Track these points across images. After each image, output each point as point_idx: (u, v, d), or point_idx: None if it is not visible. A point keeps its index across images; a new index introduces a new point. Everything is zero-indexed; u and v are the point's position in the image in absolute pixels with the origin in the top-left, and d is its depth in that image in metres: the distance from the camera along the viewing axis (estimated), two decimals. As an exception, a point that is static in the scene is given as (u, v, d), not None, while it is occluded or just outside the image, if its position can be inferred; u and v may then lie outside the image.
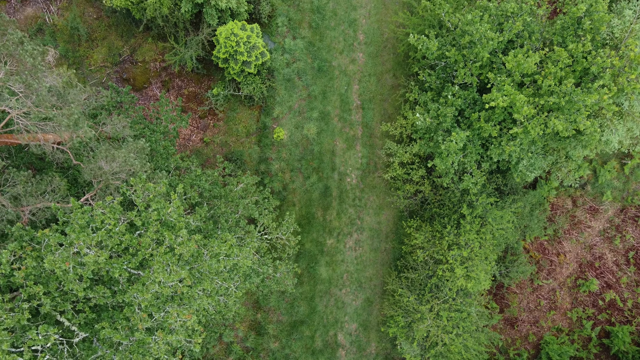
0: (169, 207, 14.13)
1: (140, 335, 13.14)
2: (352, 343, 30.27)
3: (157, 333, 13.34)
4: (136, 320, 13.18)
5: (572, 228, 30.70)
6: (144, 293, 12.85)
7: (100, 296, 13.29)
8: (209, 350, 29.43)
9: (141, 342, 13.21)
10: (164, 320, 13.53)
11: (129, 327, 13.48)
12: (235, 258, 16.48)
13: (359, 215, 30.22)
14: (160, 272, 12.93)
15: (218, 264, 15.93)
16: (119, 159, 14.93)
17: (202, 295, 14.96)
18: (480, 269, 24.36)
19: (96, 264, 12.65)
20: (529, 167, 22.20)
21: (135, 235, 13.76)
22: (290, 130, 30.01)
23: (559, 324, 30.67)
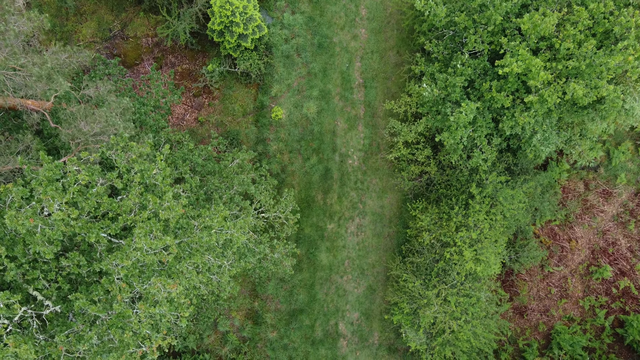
0: (154, 168, 12.73)
1: (119, 307, 11.76)
2: (354, 333, 28.87)
3: (139, 305, 11.95)
4: (115, 290, 11.79)
5: (584, 213, 29.32)
6: (123, 260, 11.47)
7: (75, 264, 11.90)
8: (203, 340, 28.03)
9: (120, 316, 11.83)
10: (146, 291, 12.15)
11: (107, 300, 12.11)
12: (228, 232, 15.08)
13: (361, 198, 28.83)
14: (143, 237, 11.54)
15: (209, 237, 14.53)
16: (100, 118, 13.56)
17: (192, 270, 13.57)
18: (490, 251, 22.99)
19: (69, 227, 11.26)
20: (543, 142, 20.82)
21: (117, 200, 12.38)
22: (289, 109, 28.63)
23: (571, 313, 29.29)
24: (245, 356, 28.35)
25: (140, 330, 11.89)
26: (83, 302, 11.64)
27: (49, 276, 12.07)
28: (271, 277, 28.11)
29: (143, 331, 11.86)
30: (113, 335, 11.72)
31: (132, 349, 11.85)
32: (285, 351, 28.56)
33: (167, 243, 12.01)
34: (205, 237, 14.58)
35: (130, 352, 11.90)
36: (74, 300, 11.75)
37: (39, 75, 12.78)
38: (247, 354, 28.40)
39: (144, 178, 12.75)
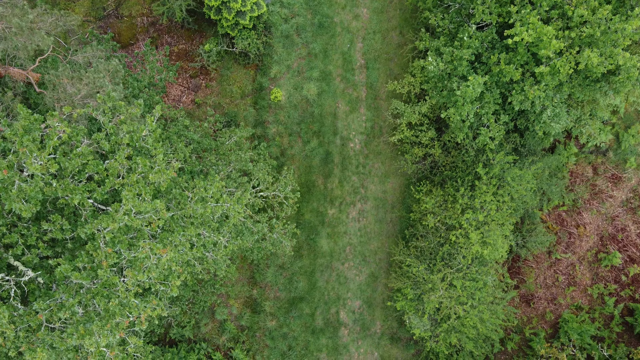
0: (143, 129, 11.87)
1: (104, 274, 10.90)
2: (356, 321, 28.02)
3: (126, 272, 11.10)
4: (100, 256, 10.94)
5: (593, 198, 28.46)
6: (109, 223, 10.62)
7: (57, 229, 11.05)
8: (200, 328, 27.18)
9: (106, 284, 10.98)
10: (134, 259, 11.29)
11: (92, 268, 11.25)
12: (224, 204, 14.22)
13: (362, 183, 27.97)
14: (130, 199, 10.68)
15: (204, 209, 13.68)
16: (87, 79, 12.71)
17: (185, 243, 12.71)
18: (497, 233, 22.15)
19: (50, 188, 10.39)
20: (553, 118, 19.97)
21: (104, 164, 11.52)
22: (289, 91, 27.77)
23: (579, 301, 28.43)
24: (243, 345, 27.50)
25: (128, 300, 11.04)
26: (65, 267, 10.79)
27: (29, 241, 11.20)
28: (270, 259, 27.25)
29: (130, 300, 11.01)
30: (98, 305, 10.86)
31: (118, 318, 11.00)
32: (285, 340, 27.70)
33: (157, 207, 11.16)
34: (200, 209, 13.73)
35: (116, 321, 11.05)
36: (56, 266, 10.89)
37: (19, 26, 11.91)
38: (245, 343, 27.55)
39: (134, 141, 11.91)
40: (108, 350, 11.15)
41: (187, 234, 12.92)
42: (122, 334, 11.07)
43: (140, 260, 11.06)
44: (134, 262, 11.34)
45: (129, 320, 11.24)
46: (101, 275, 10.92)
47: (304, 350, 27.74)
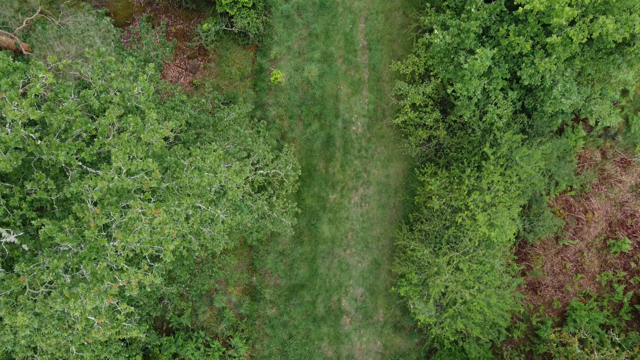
0: (135, 87, 11.14)
1: (91, 235, 10.17)
2: (358, 309, 27.28)
3: (116, 234, 10.37)
4: (88, 217, 10.20)
5: (601, 183, 27.72)
6: (97, 182, 9.89)
7: (42, 188, 10.31)
8: (198, 316, 26.44)
9: (94, 248, 10.25)
10: (124, 222, 10.56)
11: (80, 232, 10.52)
12: (222, 175, 13.49)
13: (365, 167, 27.24)
14: (120, 157, 9.95)
15: (201, 178, 12.95)
16: (76, 38, 11.98)
17: (181, 212, 11.97)
18: (505, 215, 21.42)
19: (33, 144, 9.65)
20: (564, 93, 19.24)
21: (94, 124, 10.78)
22: (289, 72, 27.03)
23: (587, 289, 27.68)
24: (242, 334, 26.77)
25: (118, 264, 10.31)
26: (50, 227, 10.06)
27: (11, 202, 10.46)
28: (270, 245, 26.54)
29: (120, 264, 10.27)
30: (84, 268, 10.12)
31: (106, 283, 10.26)
32: (285, 328, 26.97)
33: (149, 166, 10.42)
34: (196, 178, 12.99)
35: (105, 286, 10.30)
36: (39, 227, 10.16)
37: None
38: (244, 331, 26.82)
39: (125, 100, 11.18)
40: (96, 319, 10.41)
41: (183, 203, 12.19)
42: (110, 300, 10.33)
43: (131, 221, 10.31)
44: (124, 225, 10.60)
45: (118, 285, 10.50)
46: (88, 237, 10.16)
47: (304, 339, 27.02)
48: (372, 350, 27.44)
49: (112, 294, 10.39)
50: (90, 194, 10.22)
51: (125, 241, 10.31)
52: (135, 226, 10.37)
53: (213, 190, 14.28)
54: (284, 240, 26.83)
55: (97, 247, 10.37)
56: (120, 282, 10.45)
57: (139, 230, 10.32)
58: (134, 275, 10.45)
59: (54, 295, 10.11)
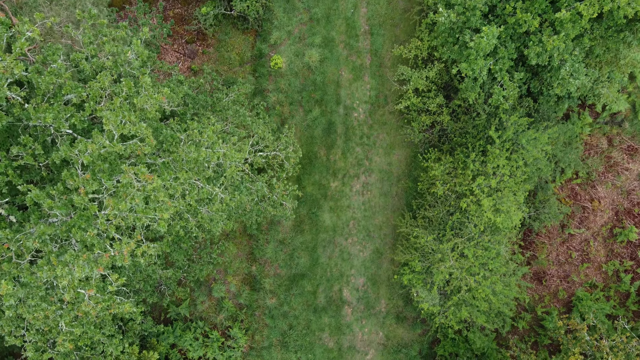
0: (128, 50, 10.62)
1: (80, 201, 9.64)
2: (360, 300, 26.75)
3: (107, 201, 9.84)
4: (77, 183, 9.67)
5: (608, 170, 27.20)
6: (87, 145, 9.36)
7: (29, 153, 9.79)
8: (197, 306, 25.92)
9: (83, 216, 9.72)
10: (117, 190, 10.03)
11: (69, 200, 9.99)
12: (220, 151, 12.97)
13: (367, 155, 26.71)
14: (112, 120, 9.42)
15: (198, 153, 12.43)
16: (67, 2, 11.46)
17: (177, 186, 11.45)
18: (512, 200, 20.90)
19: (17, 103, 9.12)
20: (572, 73, 18.71)
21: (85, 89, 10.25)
22: (290, 58, 26.50)
23: (593, 279, 27.15)
24: (242, 324, 26.24)
25: (108, 233, 9.79)
26: (36, 193, 9.53)
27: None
28: (270, 234, 26.02)
29: (111, 233, 9.75)
30: (73, 237, 9.61)
31: (96, 251, 9.73)
32: (285, 319, 26.44)
33: (142, 131, 9.90)
34: (193, 152, 12.47)
35: (95, 255, 9.77)
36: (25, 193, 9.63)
37: None
38: (244, 322, 26.30)
39: (117, 65, 10.66)
40: (86, 291, 9.87)
41: (180, 178, 11.65)
42: (100, 269, 9.79)
43: (124, 188, 9.77)
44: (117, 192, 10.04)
45: (109, 254, 9.96)
46: (78, 203, 9.62)
47: (305, 330, 26.49)
48: (374, 341, 26.92)
49: (102, 263, 9.86)
50: (81, 159, 9.67)
51: (117, 208, 9.76)
52: (127, 193, 9.83)
53: (211, 167, 13.76)
54: (284, 229, 26.32)
55: (87, 216, 9.82)
56: (111, 251, 9.91)
57: (131, 196, 9.76)
58: (126, 245, 9.91)
59: (41, 263, 9.57)
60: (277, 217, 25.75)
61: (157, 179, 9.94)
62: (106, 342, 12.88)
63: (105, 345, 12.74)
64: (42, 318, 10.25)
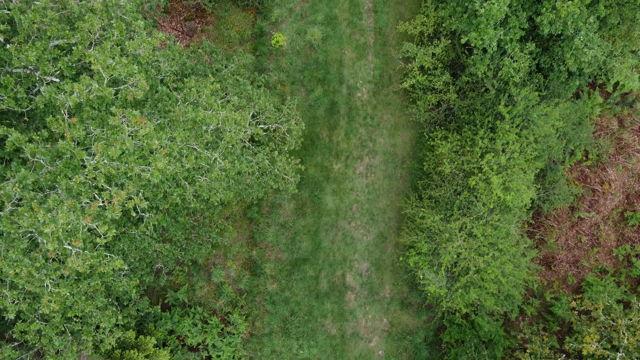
0: (120, -9, 9.86)
1: (66, 146, 8.87)
2: (363, 285, 25.98)
3: (95, 147, 9.07)
4: (63, 127, 8.91)
5: (618, 152, 26.45)
6: (74, 87, 8.61)
7: (10, 97, 9.01)
8: (196, 292, 25.15)
9: (69, 164, 8.96)
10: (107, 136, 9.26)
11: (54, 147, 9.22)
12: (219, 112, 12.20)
13: (370, 136, 25.95)
14: (100, 60, 8.65)
15: (195, 113, 11.66)
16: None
17: (173, 146, 10.68)
18: (522, 177, 20.15)
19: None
20: (587, 43, 17.95)
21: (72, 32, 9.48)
22: (291, 36, 25.74)
23: (603, 264, 26.40)
24: (242, 310, 25.47)
25: (97, 182, 9.01)
26: (17, 137, 8.75)
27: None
28: (271, 217, 25.25)
29: (100, 182, 8.97)
30: (58, 185, 8.84)
31: (84, 200, 8.95)
32: (287, 305, 25.66)
33: (134, 73, 9.14)
34: (191, 112, 11.70)
35: (81, 205, 8.99)
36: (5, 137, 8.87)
37: None
38: (244, 307, 25.53)
39: (108, 9, 9.90)
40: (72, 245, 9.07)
41: (176, 137, 10.89)
42: (88, 220, 9.02)
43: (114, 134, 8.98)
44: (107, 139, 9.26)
45: (97, 203, 9.18)
46: (63, 149, 8.84)
47: (307, 316, 25.72)
48: (378, 327, 26.16)
49: (90, 213, 9.09)
50: (67, 102, 8.88)
51: (106, 155, 8.97)
52: (117, 139, 9.04)
53: (210, 131, 13.01)
54: (285, 212, 25.56)
55: (74, 165, 9.04)
56: (99, 200, 9.13)
57: (121, 142, 8.97)
58: (116, 194, 9.13)
59: (22, 210, 8.79)
60: (278, 200, 24.98)
61: (149, 124, 9.18)
62: (98, 314, 12.12)
63: (97, 317, 11.99)
64: (25, 276, 9.49)
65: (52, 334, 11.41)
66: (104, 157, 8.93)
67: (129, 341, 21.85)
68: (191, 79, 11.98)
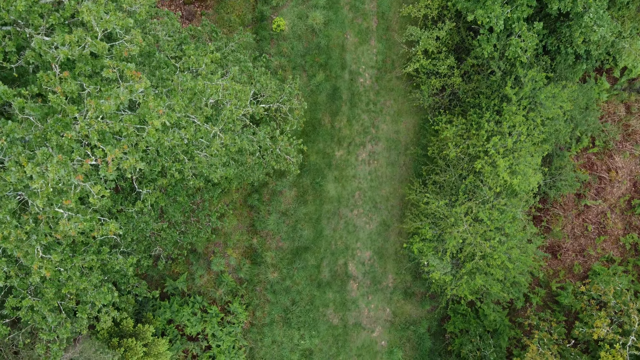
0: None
1: (57, 100, 8.38)
2: (366, 274, 25.51)
3: (87, 101, 8.59)
4: (54, 81, 8.43)
5: (625, 139, 25.99)
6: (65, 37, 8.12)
7: (0, 49, 8.53)
8: (195, 280, 24.68)
9: (61, 120, 8.46)
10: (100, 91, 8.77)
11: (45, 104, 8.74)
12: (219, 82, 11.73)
13: (373, 122, 25.48)
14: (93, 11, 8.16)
15: (194, 82, 11.19)
16: None
17: (170, 113, 10.21)
18: (529, 160, 19.68)
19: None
20: (597, 21, 17.49)
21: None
22: (293, 20, 25.27)
23: (610, 253, 25.93)
24: (242, 299, 24.98)
25: (90, 139, 8.52)
26: (4, 89, 8.27)
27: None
28: (272, 205, 24.77)
29: (93, 140, 8.48)
30: (48, 142, 8.36)
31: (76, 157, 8.46)
32: (288, 294, 25.18)
33: (130, 27, 8.66)
34: (190, 81, 11.23)
35: (73, 163, 8.50)
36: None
37: None
38: (244, 297, 25.04)
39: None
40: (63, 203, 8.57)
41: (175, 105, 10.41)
42: (80, 177, 8.52)
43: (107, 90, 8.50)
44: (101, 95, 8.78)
45: (89, 160, 8.69)
46: (54, 103, 8.35)
47: (308, 306, 25.24)
48: (381, 317, 25.68)
49: (81, 171, 8.60)
50: (58, 56, 8.42)
51: (100, 110, 8.48)
52: (111, 95, 8.55)
53: (209, 104, 12.53)
54: (286, 200, 25.09)
55: (66, 122, 8.56)
56: (92, 158, 8.63)
57: (115, 96, 8.47)
58: (110, 151, 8.64)
59: (9, 164, 8.31)
60: (279, 187, 24.51)
61: (145, 79, 8.69)
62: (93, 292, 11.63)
63: (92, 295, 11.51)
64: (14, 240, 9.01)
65: (45, 309, 10.93)
66: (97, 113, 8.44)
67: (126, 329, 21.38)
68: (190, 45, 11.55)
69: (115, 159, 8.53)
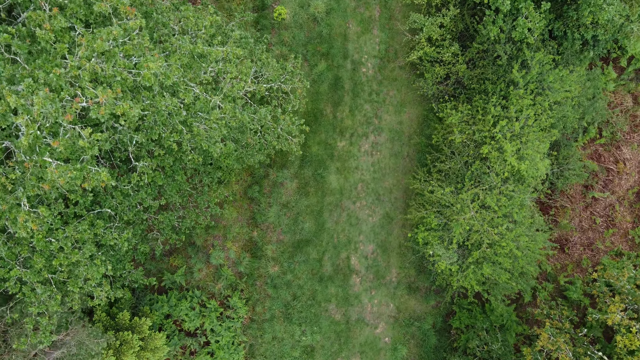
0: None
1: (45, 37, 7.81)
2: (369, 268, 24.86)
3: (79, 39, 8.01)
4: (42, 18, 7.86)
5: (633, 130, 25.51)
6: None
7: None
8: (194, 274, 24.00)
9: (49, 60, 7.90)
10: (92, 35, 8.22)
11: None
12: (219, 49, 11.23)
13: (376, 112, 24.99)
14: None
15: (194, 45, 10.69)
16: None
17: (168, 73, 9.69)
18: (537, 144, 19.16)
19: None
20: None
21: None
22: (294, 9, 24.88)
23: (619, 246, 25.32)
24: (242, 294, 24.31)
25: (80, 81, 7.95)
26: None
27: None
28: (272, 197, 24.17)
29: (84, 81, 7.92)
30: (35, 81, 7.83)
31: (65, 96, 7.87)
32: (289, 289, 24.50)
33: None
34: (188, 43, 10.73)
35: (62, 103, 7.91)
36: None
37: None
38: (244, 291, 24.36)
39: None
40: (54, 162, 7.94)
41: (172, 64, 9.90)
42: (69, 117, 7.94)
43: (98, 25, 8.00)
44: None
45: (80, 100, 8.11)
46: (41, 38, 7.81)
47: (310, 301, 24.55)
48: (385, 313, 24.98)
49: (71, 112, 8.04)
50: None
51: (91, 48, 7.94)
52: (103, 32, 8.04)
53: (209, 72, 12.02)
54: (287, 191, 24.51)
55: (55, 64, 8.03)
56: (83, 99, 8.05)
57: (108, 31, 7.95)
58: (102, 92, 8.07)
59: (-9, 101, 7.77)
60: (280, 178, 23.95)
61: (140, 17, 8.18)
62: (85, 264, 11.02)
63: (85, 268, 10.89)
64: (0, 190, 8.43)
65: (34, 280, 10.30)
66: (88, 52, 7.91)
67: (122, 323, 20.71)
68: (189, 6, 11.07)
69: (107, 101, 7.97)
